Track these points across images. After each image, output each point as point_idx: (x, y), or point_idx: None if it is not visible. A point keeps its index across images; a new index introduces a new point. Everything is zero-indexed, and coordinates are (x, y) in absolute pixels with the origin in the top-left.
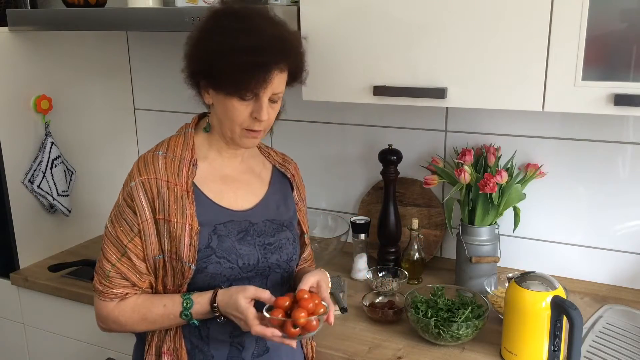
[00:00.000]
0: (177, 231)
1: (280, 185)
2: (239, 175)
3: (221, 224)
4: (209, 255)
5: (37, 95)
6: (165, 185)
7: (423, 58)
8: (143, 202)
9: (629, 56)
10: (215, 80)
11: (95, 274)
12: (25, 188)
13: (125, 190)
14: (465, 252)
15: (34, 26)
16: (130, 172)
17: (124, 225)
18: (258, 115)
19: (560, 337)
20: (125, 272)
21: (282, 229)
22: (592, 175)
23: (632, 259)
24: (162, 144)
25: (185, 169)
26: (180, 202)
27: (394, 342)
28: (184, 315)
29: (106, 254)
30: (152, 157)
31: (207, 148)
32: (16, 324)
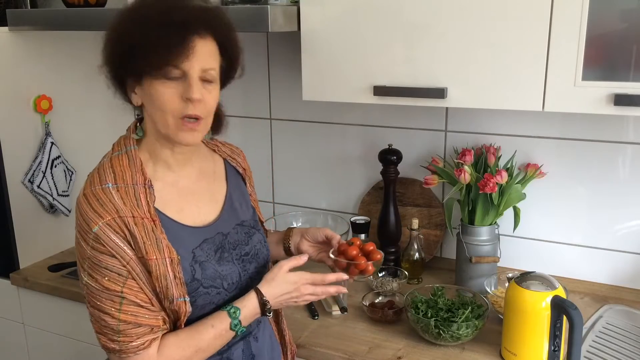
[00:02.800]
0: (159, 269)
1: (236, 180)
2: (194, 184)
3: (197, 248)
4: (197, 288)
5: (37, 95)
6: (132, 221)
7: (423, 58)
8: (118, 242)
9: (629, 56)
10: (134, 67)
11: (101, 336)
12: (25, 188)
13: (89, 239)
14: (465, 252)
15: (34, 26)
16: (83, 217)
17: (108, 274)
18: (189, 94)
19: (560, 337)
20: (133, 319)
21: (252, 232)
22: (592, 175)
23: (632, 259)
24: (103, 170)
25: (143, 196)
26: (152, 236)
27: (394, 342)
28: (234, 325)
29: (104, 310)
30: (104, 193)
31: (154, 163)
32: (16, 324)
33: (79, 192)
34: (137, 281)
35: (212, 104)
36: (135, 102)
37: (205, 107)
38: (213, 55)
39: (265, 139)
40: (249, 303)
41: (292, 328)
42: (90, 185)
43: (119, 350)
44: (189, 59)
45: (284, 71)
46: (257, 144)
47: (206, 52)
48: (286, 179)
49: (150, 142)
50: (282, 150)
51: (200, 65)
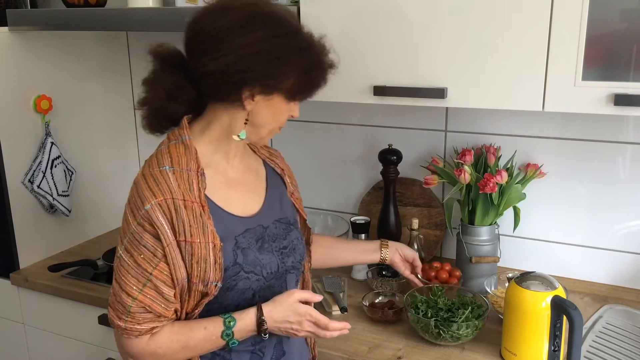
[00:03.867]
0: (201, 252)
1: (274, 180)
2: (242, 176)
3: (240, 235)
4: (238, 272)
5: (37, 95)
6: (182, 204)
7: (423, 58)
8: (164, 224)
9: (629, 56)
10: (283, 90)
11: (111, 309)
12: (25, 188)
13: (138, 215)
14: (465, 252)
15: (34, 26)
16: (139, 194)
17: (144, 252)
18: (295, 114)
19: (560, 337)
20: (149, 303)
21: (290, 228)
22: (592, 175)
23: (632, 259)
24: (161, 155)
25: (195, 182)
26: (200, 220)
27: (394, 342)
28: (225, 335)
29: (125, 287)
30: (162, 174)
31: (212, 152)
32: (16, 324)
33: (138, 173)
34: (169, 266)
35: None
36: (247, 106)
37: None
38: None
39: None
40: (247, 317)
41: None
42: (148, 167)
43: (123, 329)
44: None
45: None
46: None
47: None
48: None
49: (215, 136)
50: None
51: None
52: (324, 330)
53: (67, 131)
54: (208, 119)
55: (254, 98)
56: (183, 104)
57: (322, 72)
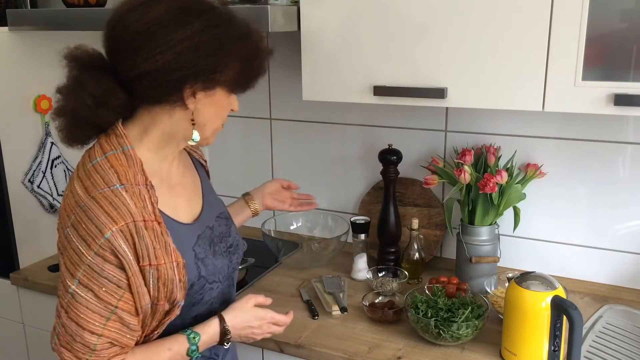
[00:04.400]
0: (167, 273)
1: (201, 171)
2: (183, 178)
3: (195, 245)
4: (203, 285)
5: (37, 95)
6: (143, 226)
7: (423, 58)
8: (128, 252)
9: (629, 56)
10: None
11: (65, 350)
12: (25, 188)
13: (94, 244)
14: (465, 252)
15: (34, 26)
16: (91, 219)
17: (106, 284)
18: (235, 107)
19: (560, 337)
20: (115, 337)
21: (229, 222)
22: (592, 175)
23: (632, 259)
24: (104, 171)
25: (147, 197)
26: (162, 240)
27: (394, 342)
28: (191, 351)
29: (87, 325)
30: (115, 195)
31: (152, 160)
32: (16, 324)
33: (73, 189)
34: (133, 295)
35: None
36: (190, 105)
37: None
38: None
39: (265, 139)
40: (210, 329)
41: (292, 328)
42: (93, 186)
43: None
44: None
45: (284, 71)
46: (257, 144)
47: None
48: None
49: (157, 140)
50: (282, 150)
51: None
52: (280, 328)
53: None
54: (144, 124)
55: (196, 95)
56: (113, 110)
57: (262, 59)
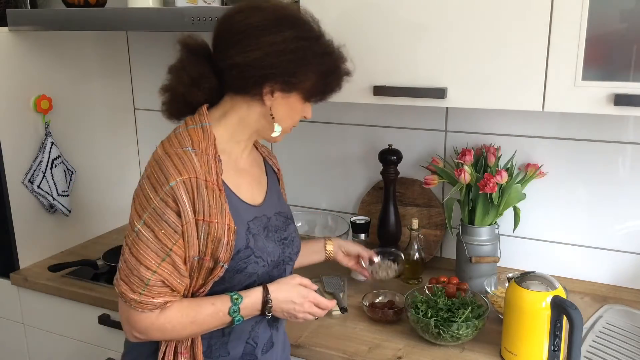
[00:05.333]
0: (217, 232)
1: (272, 177)
2: (250, 167)
3: (251, 221)
4: (249, 256)
5: (37, 95)
6: (204, 184)
7: (423, 58)
8: (186, 202)
9: (629, 56)
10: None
11: (125, 284)
12: (25, 188)
13: (161, 190)
14: (465, 252)
15: (34, 26)
16: (162, 170)
17: (165, 227)
18: (308, 115)
19: (560, 337)
20: (167, 277)
21: (288, 222)
22: (592, 175)
23: (632, 259)
24: (182, 137)
25: (214, 166)
26: (218, 202)
27: (394, 342)
28: (232, 311)
29: (144, 261)
30: (185, 154)
31: (226, 140)
32: (16, 324)
33: (155, 150)
34: (185, 243)
35: None
36: (267, 102)
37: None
38: None
39: None
40: (253, 295)
41: (292, 328)
42: (169, 146)
43: (138, 302)
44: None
45: None
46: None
47: None
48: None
49: (233, 126)
50: (282, 150)
51: None
52: (320, 310)
53: (67, 131)
54: (225, 109)
55: (274, 94)
56: (204, 92)
57: (339, 77)
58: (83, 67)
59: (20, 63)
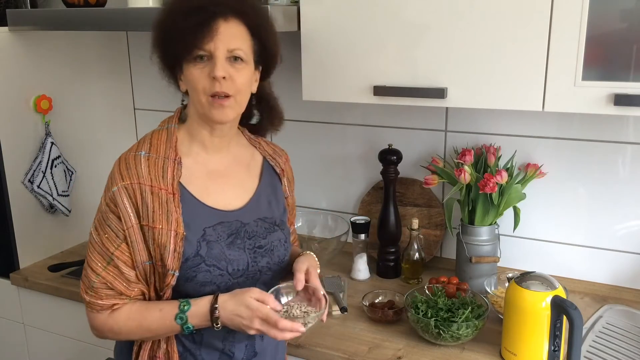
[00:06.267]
0: (162, 238)
1: (271, 178)
2: (226, 169)
3: (210, 228)
4: (199, 264)
5: (37, 95)
6: (149, 190)
7: (423, 58)
8: (127, 207)
9: (629, 56)
10: (171, 53)
11: (81, 282)
12: (25, 188)
13: (107, 196)
14: (465, 252)
15: (34, 26)
16: (111, 175)
17: (108, 232)
18: (213, 72)
19: (560, 337)
20: (112, 281)
21: (273, 228)
22: (592, 175)
23: (632, 259)
24: (144, 141)
25: (171, 169)
26: (165, 207)
27: (394, 342)
28: (179, 318)
29: (91, 263)
30: (134, 159)
31: (190, 141)
32: (16, 324)
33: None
34: (129, 247)
35: (241, 82)
36: (182, 88)
37: (233, 84)
38: (240, 37)
39: None
40: (201, 303)
41: None
42: (128, 151)
43: (87, 302)
44: (213, 40)
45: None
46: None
47: (231, 34)
48: None
49: (190, 123)
50: None
51: (225, 45)
52: (274, 330)
53: (67, 131)
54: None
55: (181, 76)
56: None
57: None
58: (83, 67)
59: (20, 63)
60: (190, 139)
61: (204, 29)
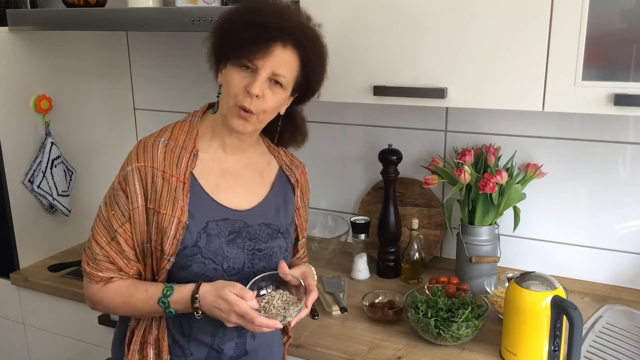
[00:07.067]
0: (164, 223)
1: (284, 188)
2: (240, 170)
3: (213, 222)
4: (195, 254)
5: (37, 95)
6: (160, 175)
7: (423, 58)
8: (137, 188)
9: (629, 56)
10: (224, 50)
11: (84, 254)
12: (25, 188)
13: (121, 174)
14: (465, 252)
15: (34, 26)
16: (129, 156)
17: (116, 209)
18: (250, 87)
19: (560, 337)
20: (114, 256)
21: (276, 235)
22: (592, 175)
23: (632, 259)
24: (166, 129)
25: (186, 159)
26: (172, 194)
27: (394, 342)
28: (162, 302)
29: (96, 237)
30: (153, 144)
31: (210, 137)
32: (16, 324)
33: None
34: (132, 227)
35: (271, 104)
36: (219, 81)
37: (261, 104)
38: (289, 65)
39: None
40: (184, 290)
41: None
42: (149, 136)
43: (87, 273)
44: (264, 59)
45: None
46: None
47: (283, 60)
48: None
49: (215, 118)
50: None
51: (273, 68)
52: (251, 325)
53: (67, 131)
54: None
55: (222, 70)
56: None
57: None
58: (83, 67)
59: (20, 63)
60: (212, 135)
61: (260, 47)
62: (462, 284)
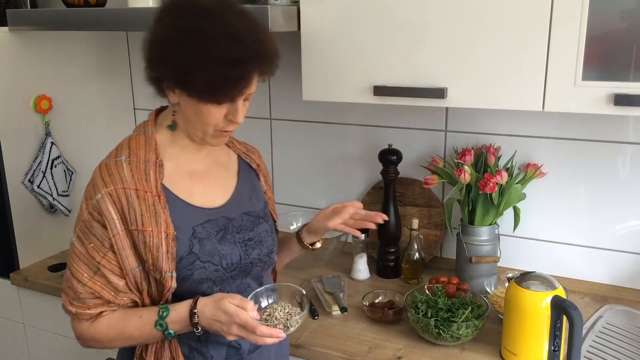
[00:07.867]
0: (153, 240)
1: (248, 175)
2: (206, 169)
3: (199, 225)
4: (193, 262)
5: (37, 95)
6: (134, 194)
7: (423, 58)
8: (113, 214)
9: (629, 56)
10: (189, 87)
11: (64, 295)
12: (25, 188)
13: (89, 204)
14: (465, 252)
15: (34, 26)
16: (93, 183)
17: (94, 241)
18: (234, 118)
19: (560, 337)
20: (99, 290)
21: (259, 221)
22: (592, 175)
23: (632, 259)
24: (121, 147)
25: (153, 172)
26: (152, 210)
27: (394, 342)
28: (159, 324)
29: (76, 274)
30: (116, 165)
31: (169, 145)
32: (16, 324)
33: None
34: (117, 255)
35: (244, 116)
36: (172, 100)
37: (240, 121)
38: (255, 83)
39: (265, 139)
40: (180, 307)
41: None
42: (107, 158)
43: (74, 314)
44: (243, 93)
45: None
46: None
47: (255, 83)
48: (286, 179)
49: (178, 134)
50: (282, 150)
51: (249, 92)
52: (253, 335)
53: (67, 131)
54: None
55: (175, 91)
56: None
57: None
58: (83, 67)
59: (20, 63)
60: (170, 141)
61: (242, 86)
62: (462, 284)
